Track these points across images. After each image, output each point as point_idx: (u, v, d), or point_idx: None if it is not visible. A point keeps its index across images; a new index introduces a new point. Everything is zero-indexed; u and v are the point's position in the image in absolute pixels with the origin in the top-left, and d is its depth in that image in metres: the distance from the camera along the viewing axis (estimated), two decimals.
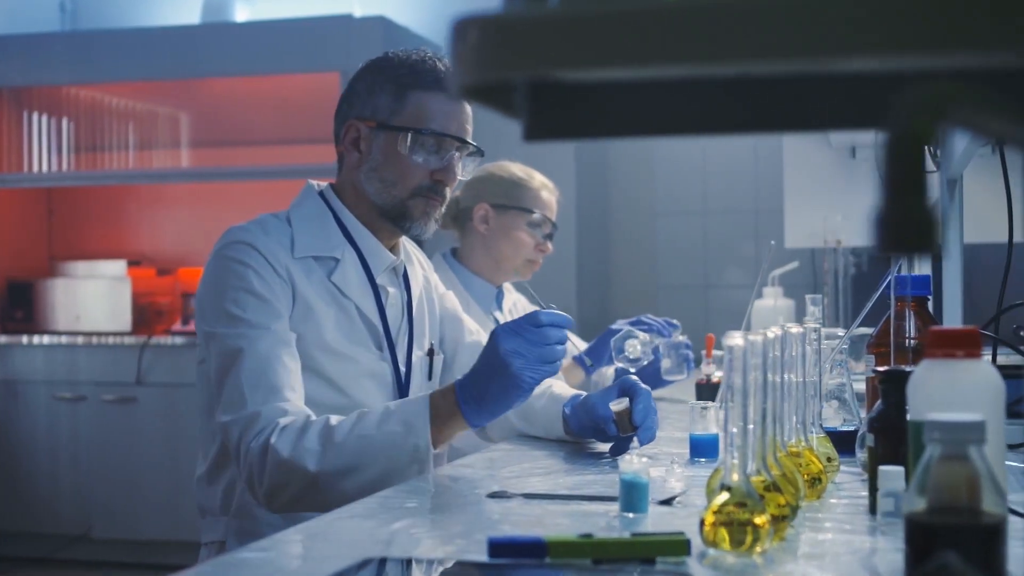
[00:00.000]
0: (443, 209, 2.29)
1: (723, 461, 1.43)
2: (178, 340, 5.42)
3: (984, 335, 2.19)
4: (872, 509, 1.56)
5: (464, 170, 2.28)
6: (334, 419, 1.98)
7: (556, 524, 1.52)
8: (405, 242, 2.39)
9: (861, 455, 1.83)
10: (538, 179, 3.27)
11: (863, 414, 2.14)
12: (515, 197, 3.21)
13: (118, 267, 5.82)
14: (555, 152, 5.10)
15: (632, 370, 2.75)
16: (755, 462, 1.38)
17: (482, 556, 1.33)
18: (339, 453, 1.94)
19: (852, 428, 2.03)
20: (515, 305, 3.41)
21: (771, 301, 3.59)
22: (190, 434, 5.28)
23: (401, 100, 2.22)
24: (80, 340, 5.52)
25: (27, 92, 5.93)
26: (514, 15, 0.82)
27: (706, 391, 2.85)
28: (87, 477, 5.42)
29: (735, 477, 1.34)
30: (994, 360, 2.09)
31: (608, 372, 3.19)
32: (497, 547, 1.31)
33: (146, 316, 5.80)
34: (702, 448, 2.06)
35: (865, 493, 1.71)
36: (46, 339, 5.57)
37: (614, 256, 5.95)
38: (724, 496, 1.33)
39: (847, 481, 1.81)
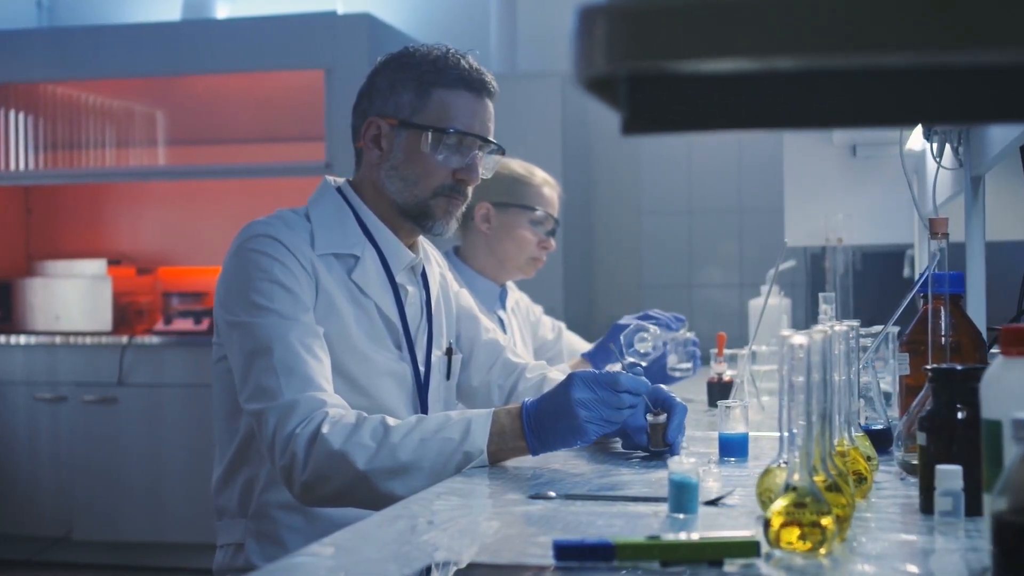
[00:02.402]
0: (464, 208, 2.27)
1: (784, 461, 1.41)
2: (160, 340, 5.36)
3: None
4: (924, 508, 1.55)
5: (485, 168, 2.26)
6: (391, 420, 1.95)
7: (609, 526, 1.50)
8: (422, 240, 2.36)
9: (898, 454, 1.82)
10: (539, 175, 3.24)
11: (889, 413, 2.13)
12: (516, 195, 3.17)
13: (98, 266, 5.75)
14: (542, 149, 5.08)
15: (643, 364, 2.72)
16: (815, 461, 1.36)
17: (546, 559, 1.31)
18: (392, 453, 1.91)
19: (881, 427, 2.02)
20: (517, 304, 3.38)
21: (774, 300, 3.57)
22: (172, 435, 5.25)
23: (424, 98, 2.19)
24: (58, 340, 5.45)
25: (3, 89, 5.85)
26: (645, 4, 0.80)
27: (717, 390, 2.84)
28: (68, 478, 5.35)
29: (798, 477, 1.32)
30: None
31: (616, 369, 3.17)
32: (564, 550, 1.29)
33: (126, 316, 5.74)
34: (732, 447, 2.04)
35: (906, 491, 1.71)
36: (24, 339, 5.50)
37: (599, 254, 5.94)
38: (790, 497, 1.31)
39: (885, 480, 1.79)
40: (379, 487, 1.91)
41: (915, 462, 1.75)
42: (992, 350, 2.07)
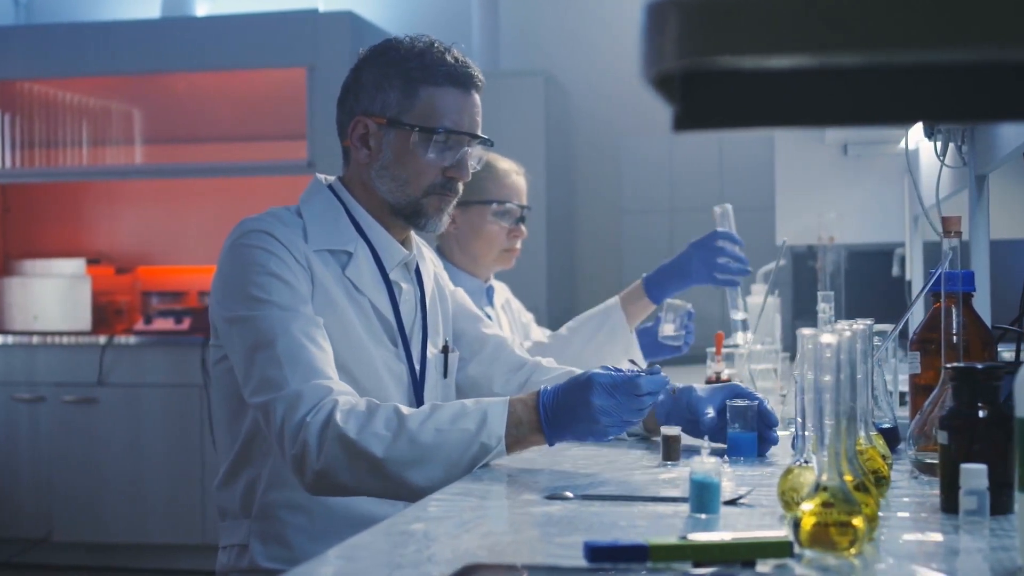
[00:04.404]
0: (455, 203, 2.25)
1: (805, 460, 1.41)
2: (140, 340, 5.32)
3: (1010, 331, 2.19)
4: (945, 507, 1.55)
5: (474, 161, 2.24)
6: (405, 409, 1.93)
7: (633, 527, 1.49)
8: (416, 238, 2.34)
9: (911, 452, 1.82)
10: (501, 166, 3.14)
11: (896, 412, 2.13)
12: (474, 191, 3.02)
13: (76, 265, 5.70)
14: (524, 148, 5.07)
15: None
16: (843, 461, 1.36)
17: (570, 560, 1.30)
18: (409, 443, 1.89)
19: (889, 425, 2.02)
20: (508, 303, 3.35)
21: (762, 299, 3.57)
22: (153, 435, 5.21)
23: (411, 96, 2.17)
24: (36, 340, 5.41)
25: None
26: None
27: None
28: (48, 480, 5.31)
29: (827, 476, 1.32)
30: (1018, 357, 2.09)
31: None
32: (596, 552, 1.27)
33: (105, 315, 5.69)
34: (741, 446, 2.03)
35: (921, 490, 1.71)
36: (2, 339, 5.45)
37: (581, 253, 5.94)
38: (820, 496, 1.31)
39: (899, 479, 1.79)
40: (394, 475, 1.89)
41: (929, 461, 1.75)
42: (999, 348, 2.07)
